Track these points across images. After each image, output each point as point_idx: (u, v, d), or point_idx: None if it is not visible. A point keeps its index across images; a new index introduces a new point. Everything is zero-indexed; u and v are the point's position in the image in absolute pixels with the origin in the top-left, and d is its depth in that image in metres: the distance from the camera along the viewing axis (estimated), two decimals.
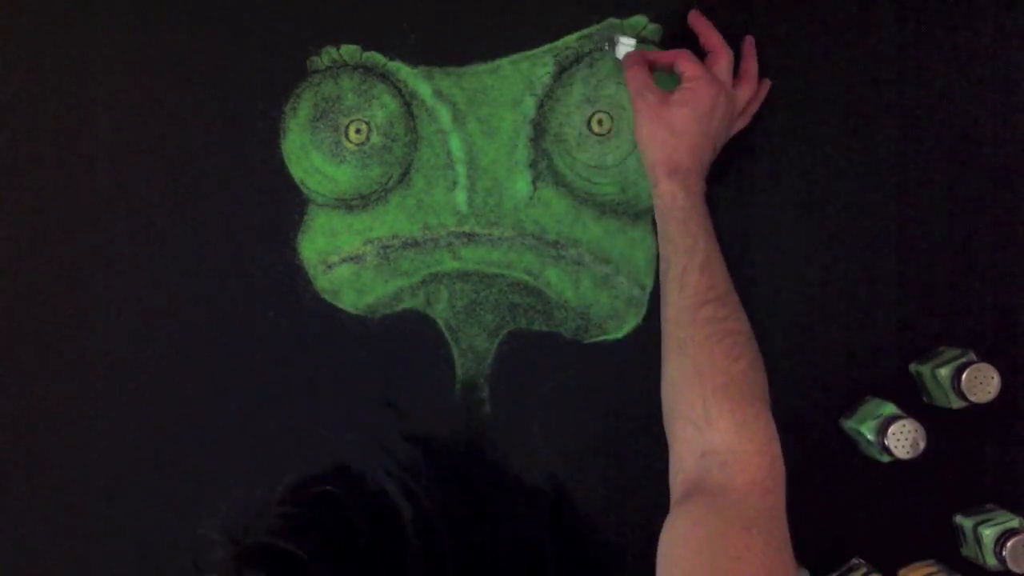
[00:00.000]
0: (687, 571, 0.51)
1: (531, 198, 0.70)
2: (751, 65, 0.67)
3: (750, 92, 0.66)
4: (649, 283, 0.70)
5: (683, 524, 0.54)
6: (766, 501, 0.54)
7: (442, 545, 0.59)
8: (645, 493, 0.70)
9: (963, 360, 0.65)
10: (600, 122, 0.70)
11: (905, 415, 0.64)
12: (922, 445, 0.63)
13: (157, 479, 0.70)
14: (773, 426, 0.57)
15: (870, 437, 0.65)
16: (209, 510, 0.70)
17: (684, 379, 0.59)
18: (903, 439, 0.63)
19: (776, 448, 0.56)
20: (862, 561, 0.68)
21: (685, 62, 0.64)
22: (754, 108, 0.68)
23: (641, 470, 0.70)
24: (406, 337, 0.70)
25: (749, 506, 0.54)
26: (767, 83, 0.68)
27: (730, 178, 0.70)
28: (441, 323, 0.71)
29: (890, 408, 0.66)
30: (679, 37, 0.69)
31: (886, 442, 0.63)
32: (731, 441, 0.56)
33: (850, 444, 0.70)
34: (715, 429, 0.56)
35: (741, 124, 0.67)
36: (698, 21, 0.67)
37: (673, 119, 0.63)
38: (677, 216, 0.62)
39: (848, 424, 0.68)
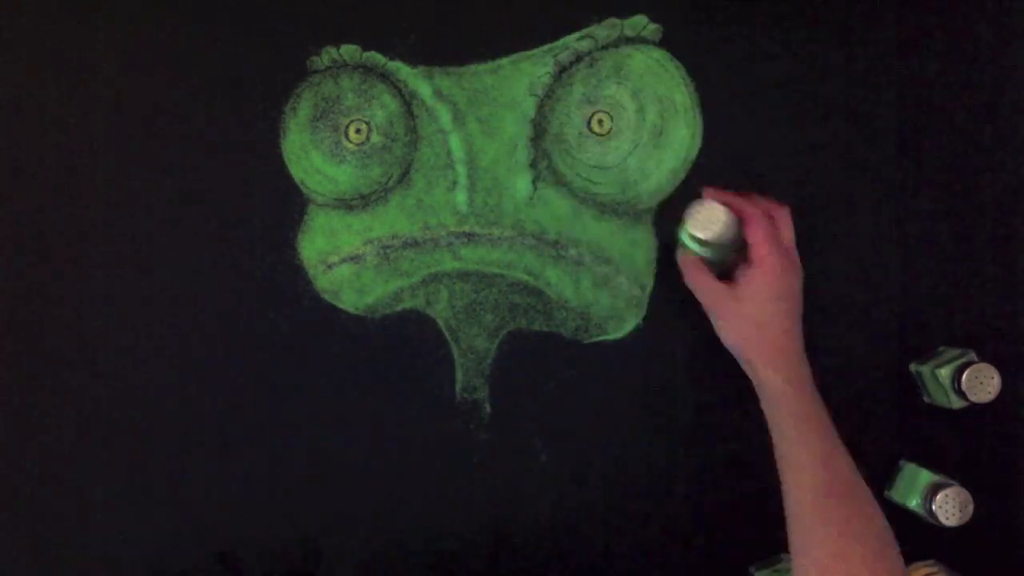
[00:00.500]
0: None
1: (531, 198, 0.70)
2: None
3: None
4: (649, 283, 0.70)
5: None
6: None
7: None
8: (645, 493, 0.70)
9: (963, 360, 0.65)
10: (600, 122, 0.70)
11: (951, 481, 0.64)
12: (971, 508, 0.63)
13: (157, 479, 0.70)
14: None
15: (918, 509, 0.65)
16: (209, 510, 0.70)
17: (810, 560, 0.55)
18: (951, 506, 0.63)
19: None
20: None
21: (754, 229, 0.59)
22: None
23: (641, 470, 0.70)
24: (406, 337, 0.70)
25: None
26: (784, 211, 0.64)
27: (730, 178, 0.70)
28: (441, 323, 0.71)
29: (929, 476, 0.66)
30: (679, 37, 0.69)
31: (934, 509, 0.63)
32: None
33: (849, 443, 0.70)
34: None
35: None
36: (719, 196, 0.62)
37: (750, 310, 0.59)
38: (784, 405, 0.58)
39: (894, 496, 0.68)
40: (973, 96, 0.69)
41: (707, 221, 0.61)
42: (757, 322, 0.60)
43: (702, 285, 0.62)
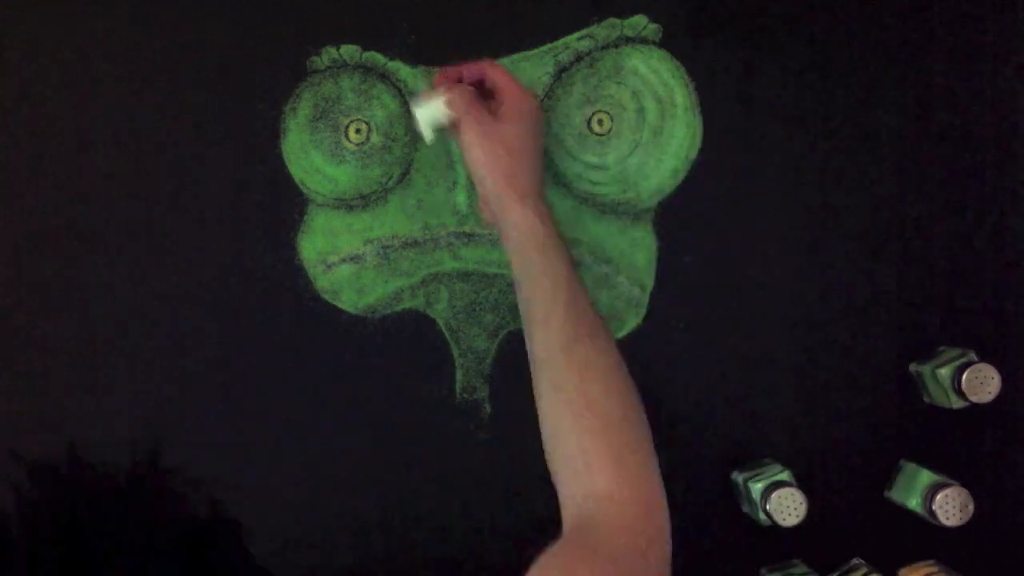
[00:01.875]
0: None
1: None
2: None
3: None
4: (649, 283, 0.70)
5: (552, 569, 0.50)
6: (638, 551, 0.50)
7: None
8: None
9: (963, 360, 0.65)
10: (600, 122, 0.70)
11: (951, 481, 0.64)
12: (971, 508, 0.63)
13: (156, 479, 0.70)
14: (656, 475, 0.54)
15: (918, 509, 0.65)
16: (208, 510, 0.70)
17: (562, 423, 0.55)
18: (951, 506, 0.63)
19: (657, 496, 0.53)
20: (862, 561, 0.68)
21: (495, 71, 0.61)
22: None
23: None
24: (406, 337, 0.70)
25: (619, 557, 0.50)
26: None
27: (729, 179, 0.70)
28: (441, 323, 0.71)
29: (929, 476, 0.66)
30: (679, 37, 0.69)
31: (934, 508, 0.63)
32: (609, 484, 0.52)
33: (849, 443, 0.70)
34: (595, 474, 0.53)
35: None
36: (466, 71, 0.64)
37: (508, 137, 0.59)
38: (532, 245, 0.58)
39: (894, 495, 0.68)
40: (973, 96, 0.69)
41: (433, 111, 0.62)
42: (512, 150, 0.59)
43: (466, 106, 0.60)
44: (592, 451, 0.53)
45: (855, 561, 0.68)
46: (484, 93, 0.64)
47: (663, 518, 0.52)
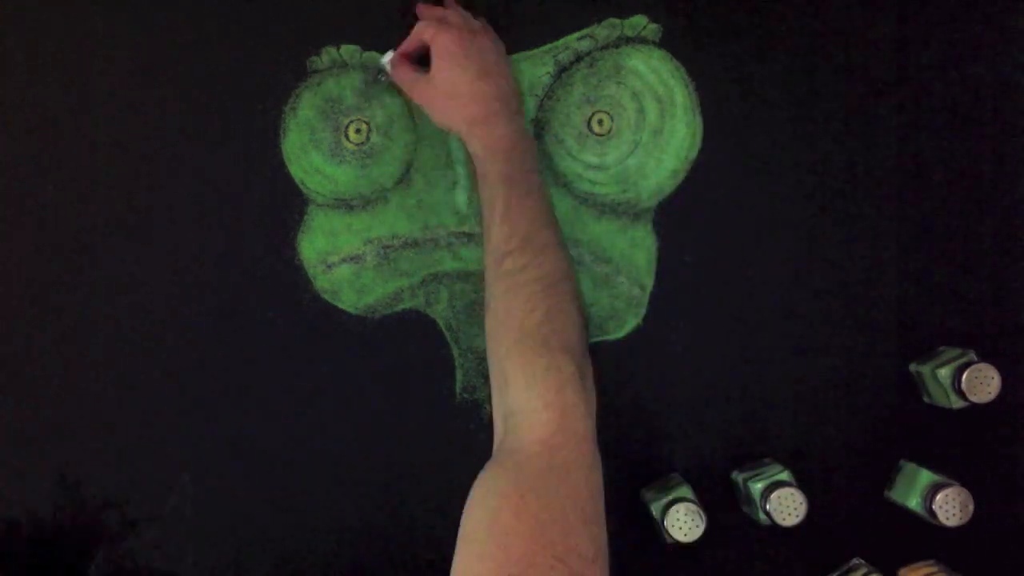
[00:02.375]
0: (470, 539, 0.49)
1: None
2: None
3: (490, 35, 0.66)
4: (649, 283, 0.70)
5: (477, 489, 0.51)
6: (554, 459, 0.50)
7: None
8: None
9: (963, 360, 0.65)
10: (600, 122, 0.70)
11: (951, 481, 0.64)
12: (971, 508, 0.63)
13: (156, 478, 0.70)
14: (569, 377, 0.53)
15: (918, 509, 0.65)
16: (206, 509, 0.70)
17: (490, 340, 0.57)
18: (951, 506, 0.63)
19: (568, 399, 0.52)
20: (862, 561, 0.68)
21: (422, 29, 0.64)
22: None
23: (640, 469, 0.70)
24: (406, 337, 0.70)
25: (530, 467, 0.50)
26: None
27: (729, 179, 0.70)
28: (441, 323, 0.71)
29: (929, 476, 0.66)
30: (679, 37, 0.69)
31: (934, 508, 0.63)
32: (522, 398, 0.53)
33: (849, 443, 0.70)
34: (512, 387, 0.53)
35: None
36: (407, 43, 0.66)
37: (441, 84, 0.63)
38: (478, 170, 0.62)
39: (894, 495, 0.68)
40: (973, 96, 0.69)
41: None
42: (448, 92, 0.63)
43: (405, 77, 0.65)
44: (508, 367, 0.54)
45: (855, 561, 0.68)
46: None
47: (582, 430, 0.52)
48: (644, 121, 0.70)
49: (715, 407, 0.70)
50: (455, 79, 0.62)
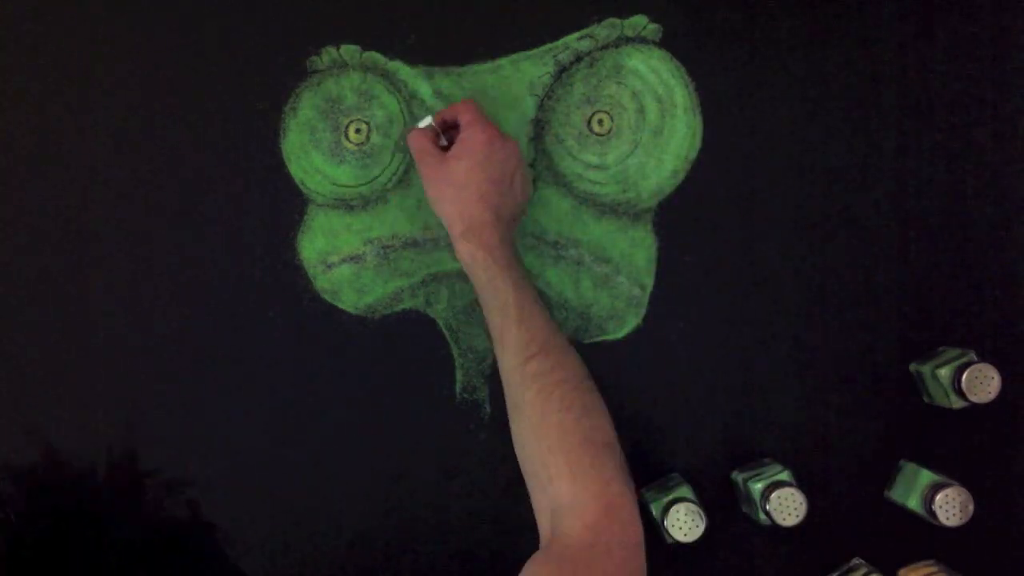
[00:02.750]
0: None
1: (531, 198, 0.70)
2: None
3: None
4: (649, 283, 0.70)
5: (536, 571, 0.53)
6: (598, 539, 0.53)
7: None
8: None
9: (963, 360, 0.65)
10: (600, 122, 0.70)
11: (951, 481, 0.64)
12: (971, 508, 0.63)
13: (156, 478, 0.70)
14: (613, 470, 0.56)
15: (918, 509, 0.65)
16: (206, 509, 0.70)
17: (525, 440, 0.59)
18: (951, 506, 0.63)
19: (615, 490, 0.55)
20: (862, 561, 0.68)
21: (463, 109, 0.64)
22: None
23: (641, 469, 0.70)
24: (406, 337, 0.70)
25: (574, 547, 0.52)
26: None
27: (729, 179, 0.70)
28: (441, 323, 0.71)
29: (929, 476, 0.66)
30: (679, 37, 0.69)
31: (934, 508, 0.63)
32: (568, 492, 0.55)
33: (849, 443, 0.70)
34: (556, 485, 0.56)
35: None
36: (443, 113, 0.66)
37: (453, 173, 0.62)
38: (480, 276, 0.61)
39: (894, 495, 0.68)
40: (973, 96, 0.69)
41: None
42: (457, 184, 0.62)
43: (419, 147, 0.65)
44: (551, 464, 0.56)
45: (855, 561, 0.68)
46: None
47: (628, 517, 0.54)
48: (644, 121, 0.70)
49: (715, 407, 0.70)
50: (470, 175, 0.62)
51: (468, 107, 0.64)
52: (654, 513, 0.66)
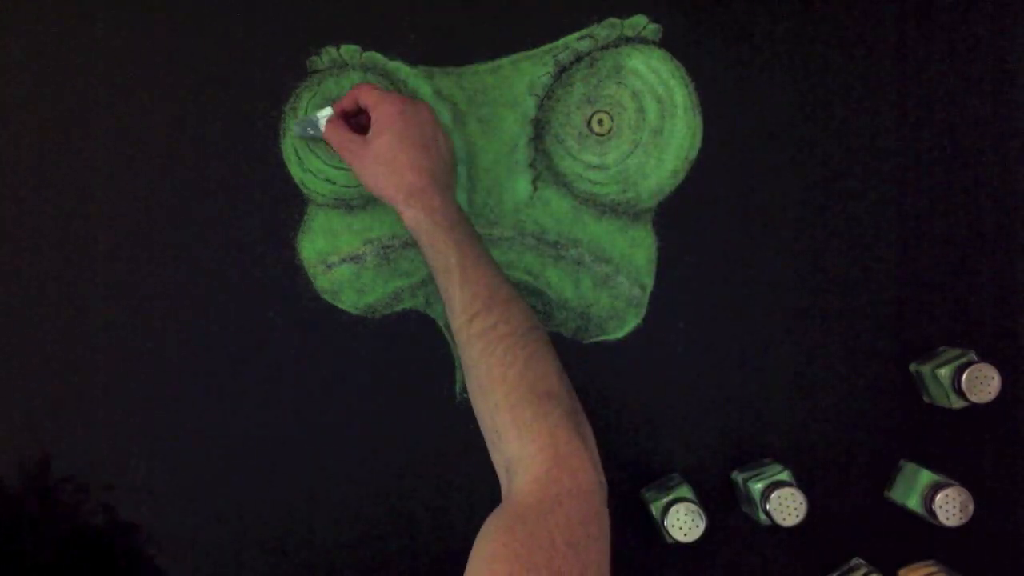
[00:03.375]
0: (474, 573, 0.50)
1: (531, 198, 0.70)
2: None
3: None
4: (649, 283, 0.70)
5: (478, 537, 0.52)
6: (546, 492, 0.52)
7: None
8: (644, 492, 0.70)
9: (963, 360, 0.65)
10: (600, 122, 0.70)
11: (951, 481, 0.64)
12: (971, 508, 0.63)
13: (156, 479, 0.70)
14: (559, 418, 0.55)
15: (918, 509, 0.65)
16: (206, 509, 0.70)
17: (475, 399, 0.59)
18: (951, 506, 0.63)
19: (560, 438, 0.54)
20: (862, 561, 0.68)
21: (363, 93, 0.65)
22: None
23: (641, 470, 0.70)
24: (406, 337, 0.70)
25: (523, 503, 0.52)
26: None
27: (729, 179, 0.70)
28: (441, 323, 0.71)
29: (929, 476, 0.66)
30: (679, 37, 0.69)
31: (934, 508, 0.63)
32: (517, 447, 0.55)
33: (849, 443, 0.70)
34: (505, 442, 0.55)
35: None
36: (337, 105, 0.67)
37: (378, 151, 0.63)
38: (424, 240, 0.62)
39: (894, 495, 0.68)
40: (973, 96, 0.69)
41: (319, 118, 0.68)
42: (385, 160, 0.63)
43: (339, 138, 0.65)
44: (499, 421, 0.56)
45: (855, 561, 0.68)
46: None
47: (577, 464, 0.53)
48: (644, 121, 0.70)
49: (715, 407, 0.70)
50: (395, 147, 0.63)
51: (365, 89, 0.65)
52: (654, 513, 0.66)
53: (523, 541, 0.49)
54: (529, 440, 0.54)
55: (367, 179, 0.64)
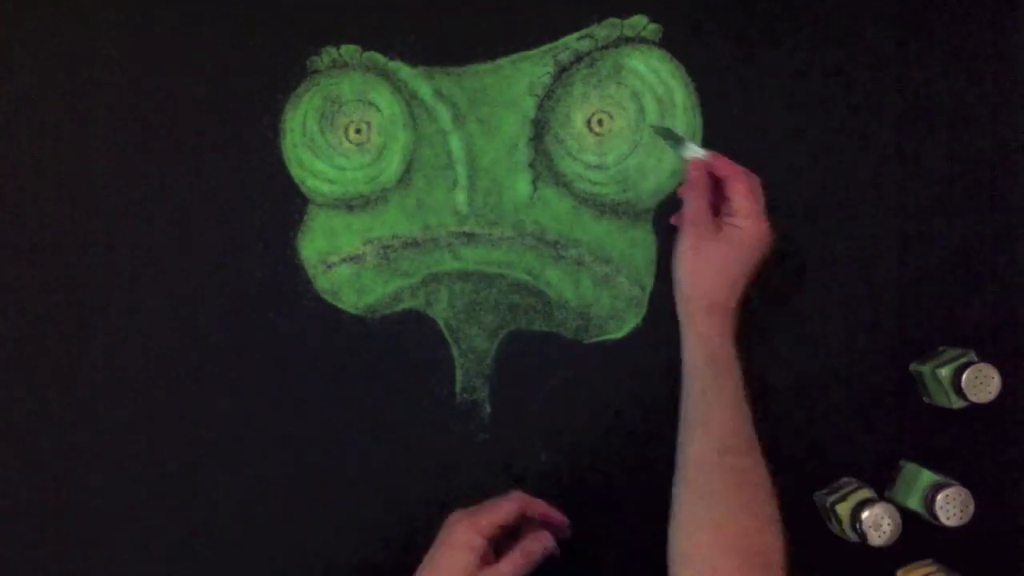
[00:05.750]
0: None
1: (531, 198, 0.70)
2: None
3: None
4: (649, 283, 0.70)
5: None
6: None
7: None
8: (645, 493, 0.70)
9: (963, 360, 0.65)
10: (600, 122, 0.70)
11: (951, 481, 0.64)
12: (971, 508, 0.62)
13: (156, 479, 0.70)
14: None
15: (918, 509, 0.65)
16: (208, 509, 0.70)
17: (697, 524, 0.56)
18: (951, 506, 0.63)
19: None
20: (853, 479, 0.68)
21: (742, 191, 0.61)
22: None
23: (641, 470, 0.70)
24: (406, 337, 0.70)
25: None
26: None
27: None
28: (441, 323, 0.71)
29: (929, 476, 0.66)
30: (679, 37, 0.69)
31: (934, 508, 0.63)
32: None
33: (849, 443, 0.70)
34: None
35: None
36: (717, 161, 0.63)
37: (720, 256, 0.61)
38: (710, 358, 0.60)
39: (894, 495, 0.68)
40: (973, 96, 0.69)
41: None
42: (717, 266, 0.60)
43: (696, 208, 0.62)
44: (721, 560, 0.53)
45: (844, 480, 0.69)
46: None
47: None
48: (644, 121, 0.70)
49: None
50: (735, 267, 0.60)
51: (745, 187, 0.61)
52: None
53: None
54: None
55: (687, 267, 0.61)
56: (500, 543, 0.61)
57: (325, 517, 0.70)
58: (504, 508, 0.61)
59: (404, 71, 0.70)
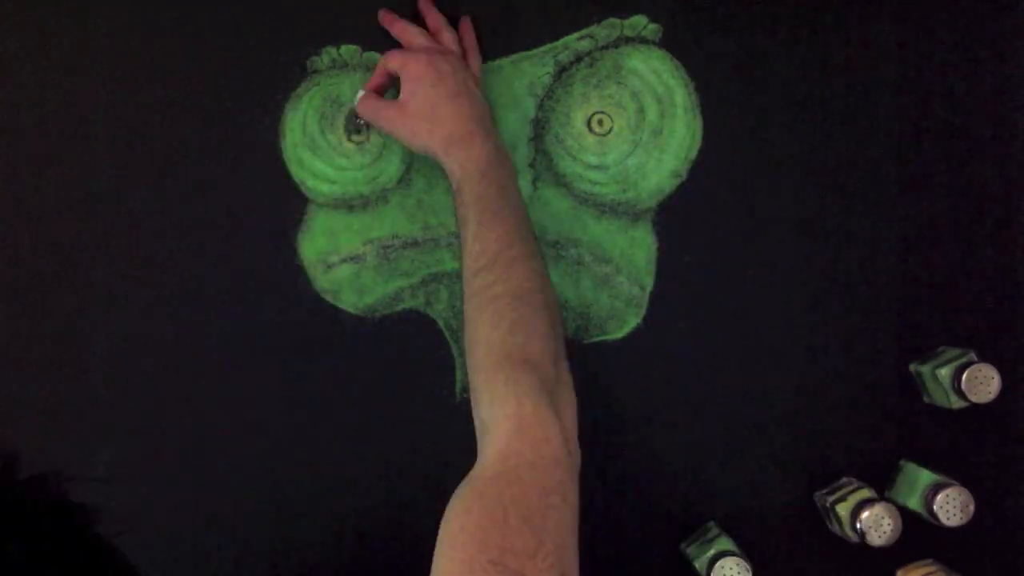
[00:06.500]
0: (438, 556, 0.48)
1: (531, 198, 0.70)
2: (470, 39, 0.68)
3: (476, 64, 0.67)
4: (649, 283, 0.70)
5: (447, 516, 0.50)
6: (505, 466, 0.50)
7: None
8: (645, 493, 0.70)
9: (963, 360, 0.65)
10: (600, 122, 0.70)
11: (951, 481, 0.64)
12: (971, 508, 0.63)
13: (156, 479, 0.70)
14: (528, 387, 0.52)
15: (918, 509, 0.65)
16: (207, 509, 0.70)
17: (466, 357, 0.57)
18: (951, 506, 0.63)
19: (526, 409, 0.51)
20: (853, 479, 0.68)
21: (389, 58, 0.65)
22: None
23: (641, 470, 0.70)
24: (406, 337, 0.70)
25: (482, 479, 0.50)
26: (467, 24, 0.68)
27: (730, 180, 0.70)
28: (441, 323, 0.71)
29: (929, 476, 0.66)
30: (679, 37, 0.69)
31: (934, 508, 0.63)
32: (487, 414, 0.52)
33: (849, 443, 0.70)
34: (478, 404, 0.54)
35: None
36: (423, 5, 0.68)
37: (416, 108, 0.63)
38: (453, 188, 0.61)
39: (894, 495, 0.68)
40: (973, 96, 0.69)
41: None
42: (425, 115, 0.62)
43: (373, 108, 0.65)
44: (477, 383, 0.55)
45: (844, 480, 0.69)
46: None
47: (540, 435, 0.50)
48: (644, 121, 0.70)
49: (715, 407, 0.70)
50: (431, 101, 0.62)
51: (389, 54, 0.65)
52: (697, 568, 0.65)
53: (478, 522, 0.47)
54: (497, 407, 0.52)
55: (411, 139, 0.64)
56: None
57: (325, 517, 0.70)
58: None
59: None
